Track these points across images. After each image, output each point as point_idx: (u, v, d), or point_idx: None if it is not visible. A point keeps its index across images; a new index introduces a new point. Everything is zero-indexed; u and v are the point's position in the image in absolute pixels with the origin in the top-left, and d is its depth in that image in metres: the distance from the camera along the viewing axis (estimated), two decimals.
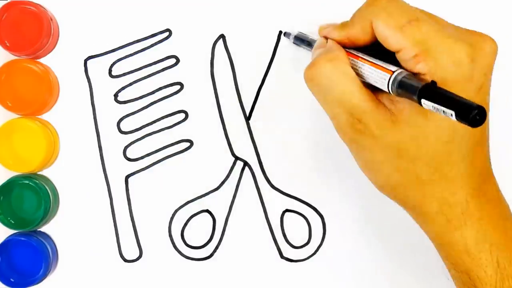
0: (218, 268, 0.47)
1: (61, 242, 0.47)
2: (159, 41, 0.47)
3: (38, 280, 0.45)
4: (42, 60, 0.47)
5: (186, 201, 0.47)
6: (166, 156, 0.47)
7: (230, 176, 0.47)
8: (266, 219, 0.47)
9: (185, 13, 0.47)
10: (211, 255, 0.47)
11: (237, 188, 0.47)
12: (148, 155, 0.47)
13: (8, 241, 0.45)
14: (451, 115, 0.28)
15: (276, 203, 0.47)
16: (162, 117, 0.47)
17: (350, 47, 0.36)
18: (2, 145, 0.45)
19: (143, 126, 0.47)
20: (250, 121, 0.47)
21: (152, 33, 0.47)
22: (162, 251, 0.47)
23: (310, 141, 0.47)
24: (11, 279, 0.45)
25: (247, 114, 0.47)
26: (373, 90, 0.35)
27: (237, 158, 0.47)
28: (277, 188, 0.47)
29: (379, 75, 0.33)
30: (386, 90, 0.33)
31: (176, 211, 0.47)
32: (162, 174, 0.47)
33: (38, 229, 0.47)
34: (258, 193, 0.47)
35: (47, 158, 0.46)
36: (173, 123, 0.47)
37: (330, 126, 0.46)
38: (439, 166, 0.34)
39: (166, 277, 0.47)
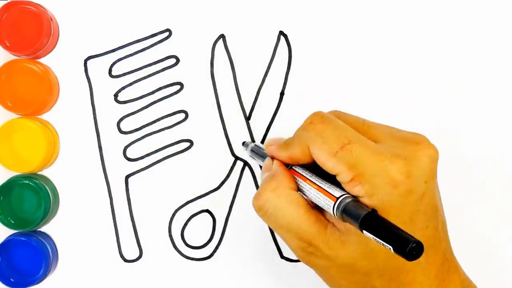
0: (218, 268, 0.47)
1: (61, 242, 0.47)
2: (159, 41, 0.47)
3: (38, 280, 0.45)
4: (42, 60, 0.47)
5: (186, 201, 0.47)
6: (166, 156, 0.47)
7: (230, 176, 0.47)
8: None
9: (185, 13, 0.47)
10: (211, 255, 0.47)
11: (237, 188, 0.47)
12: (148, 155, 0.47)
13: (8, 241, 0.45)
14: (390, 248, 0.28)
15: None
16: (162, 117, 0.47)
17: (297, 166, 0.37)
18: (2, 145, 0.45)
19: (143, 126, 0.47)
20: (250, 121, 0.47)
21: (152, 33, 0.47)
22: (162, 251, 0.47)
23: None
24: (11, 279, 0.45)
25: (247, 114, 0.47)
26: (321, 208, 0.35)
27: (237, 158, 0.47)
28: None
29: (325, 200, 0.34)
30: (332, 214, 0.33)
31: (176, 211, 0.47)
32: (162, 174, 0.47)
33: (38, 229, 0.47)
34: None
35: (47, 158, 0.46)
36: (173, 123, 0.47)
37: None
38: (393, 276, 0.34)
39: (166, 277, 0.47)
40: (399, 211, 0.32)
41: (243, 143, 0.46)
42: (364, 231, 0.30)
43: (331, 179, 0.34)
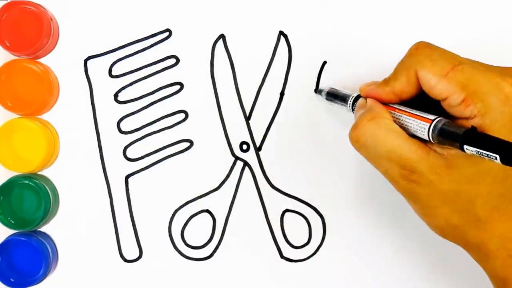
0: (218, 268, 0.47)
1: (61, 242, 0.47)
2: (159, 41, 0.47)
3: (38, 280, 0.45)
4: (42, 60, 0.47)
5: (186, 201, 0.47)
6: (166, 156, 0.47)
7: (230, 176, 0.47)
8: (266, 219, 0.47)
9: (185, 13, 0.47)
10: (211, 255, 0.47)
11: (237, 188, 0.47)
12: (148, 155, 0.47)
13: (8, 241, 0.45)
14: (495, 158, 0.28)
15: (276, 203, 0.47)
16: (162, 117, 0.47)
17: (393, 103, 0.37)
18: (2, 145, 0.45)
19: (143, 126, 0.47)
20: (250, 121, 0.47)
21: (152, 33, 0.47)
22: (162, 251, 0.47)
23: (310, 141, 0.47)
24: (11, 279, 0.45)
25: (247, 114, 0.47)
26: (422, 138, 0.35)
27: (237, 158, 0.47)
28: (277, 188, 0.47)
29: (419, 125, 0.34)
30: (427, 139, 0.33)
31: (176, 211, 0.47)
32: (162, 174, 0.47)
33: (38, 229, 0.47)
34: (258, 193, 0.47)
35: (47, 158, 0.46)
36: (173, 123, 0.47)
37: (330, 126, 0.47)
38: (497, 203, 0.34)
39: (166, 277, 0.47)
40: (510, 130, 0.32)
41: (316, 90, 0.46)
42: (465, 147, 0.30)
43: (434, 110, 0.34)
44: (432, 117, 0.33)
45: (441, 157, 0.34)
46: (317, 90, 0.46)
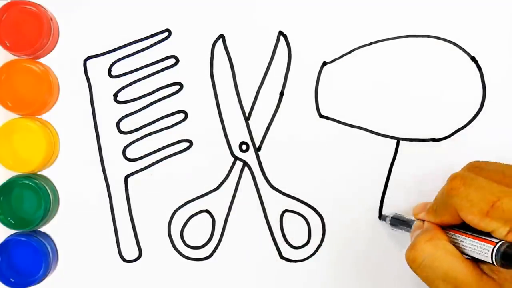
0: (217, 268, 0.47)
1: (61, 242, 0.47)
2: (159, 41, 0.47)
3: (38, 280, 0.45)
4: (42, 60, 0.47)
5: (185, 201, 0.47)
6: (166, 156, 0.47)
7: (230, 176, 0.47)
8: (266, 219, 0.47)
9: (185, 13, 0.47)
10: (211, 255, 0.47)
11: (236, 188, 0.47)
12: (147, 155, 0.47)
13: (8, 241, 0.45)
14: None
15: (275, 203, 0.47)
16: (162, 117, 0.47)
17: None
18: (2, 145, 0.45)
19: (142, 126, 0.47)
20: (249, 121, 0.47)
21: (152, 33, 0.47)
22: (162, 251, 0.47)
23: (310, 141, 0.47)
24: (11, 279, 0.45)
25: (247, 114, 0.47)
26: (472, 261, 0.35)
27: (236, 158, 0.47)
28: (277, 188, 0.47)
29: (482, 247, 0.34)
30: (489, 262, 0.33)
31: (175, 211, 0.47)
32: (161, 174, 0.47)
33: (38, 229, 0.47)
34: (258, 193, 0.47)
35: (47, 158, 0.46)
36: (173, 123, 0.47)
37: (330, 126, 0.47)
38: None
39: (166, 277, 0.47)
40: None
41: (380, 217, 0.46)
42: None
43: (484, 234, 0.35)
44: (495, 239, 0.33)
45: (493, 282, 0.34)
46: (381, 217, 0.46)
